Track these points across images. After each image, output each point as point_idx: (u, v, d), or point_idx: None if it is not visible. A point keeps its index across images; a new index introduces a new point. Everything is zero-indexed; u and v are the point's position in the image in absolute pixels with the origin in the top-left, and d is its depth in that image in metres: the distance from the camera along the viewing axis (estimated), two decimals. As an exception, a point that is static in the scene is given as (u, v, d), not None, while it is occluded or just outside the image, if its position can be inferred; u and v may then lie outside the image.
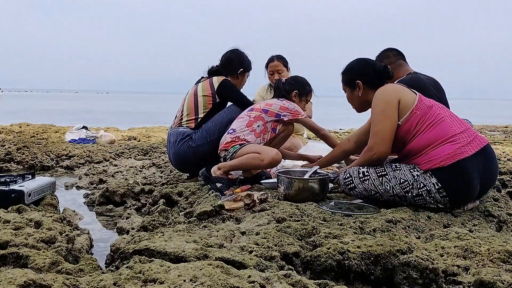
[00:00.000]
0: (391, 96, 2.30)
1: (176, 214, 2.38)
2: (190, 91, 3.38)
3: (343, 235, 1.79)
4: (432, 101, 2.33)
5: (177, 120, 3.33)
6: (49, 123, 8.34)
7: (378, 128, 2.29)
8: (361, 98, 2.54)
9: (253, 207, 2.30)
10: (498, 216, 2.20)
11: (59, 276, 1.33)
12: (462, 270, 1.52)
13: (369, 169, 2.33)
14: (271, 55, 4.23)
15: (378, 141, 2.29)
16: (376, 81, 2.48)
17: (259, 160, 2.77)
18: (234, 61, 3.45)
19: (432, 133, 2.21)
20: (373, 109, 2.35)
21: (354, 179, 2.36)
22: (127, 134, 6.99)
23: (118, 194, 2.93)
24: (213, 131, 3.18)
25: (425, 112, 2.25)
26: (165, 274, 1.33)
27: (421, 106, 2.27)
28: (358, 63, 2.56)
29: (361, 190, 2.34)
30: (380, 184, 2.28)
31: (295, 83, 3.17)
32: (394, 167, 2.29)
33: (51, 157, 4.69)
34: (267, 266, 1.49)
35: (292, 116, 2.98)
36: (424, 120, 2.24)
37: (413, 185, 2.21)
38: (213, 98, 3.27)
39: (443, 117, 2.25)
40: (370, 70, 2.51)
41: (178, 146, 3.20)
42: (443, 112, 2.28)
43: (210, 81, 3.32)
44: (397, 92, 2.31)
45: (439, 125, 2.22)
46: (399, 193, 2.24)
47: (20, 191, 2.37)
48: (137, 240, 1.75)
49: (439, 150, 2.18)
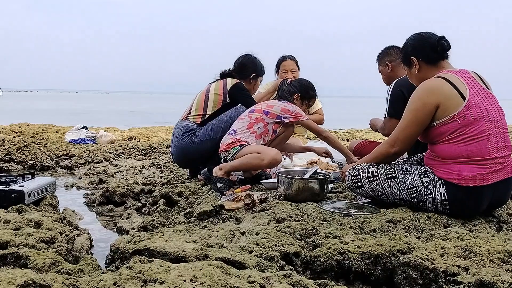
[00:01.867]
0: (429, 98, 2.12)
1: (176, 214, 2.38)
2: (203, 89, 3.43)
3: (343, 235, 1.79)
4: (483, 112, 2.09)
5: (185, 114, 3.39)
6: (49, 123, 8.33)
7: (406, 125, 2.19)
8: (419, 76, 2.33)
9: (253, 207, 2.30)
10: (498, 216, 2.20)
11: (59, 276, 1.33)
12: (462, 270, 1.52)
13: (378, 170, 2.27)
14: (282, 55, 4.24)
15: (401, 138, 2.21)
16: (431, 55, 2.27)
17: (260, 160, 2.76)
18: (247, 66, 3.52)
19: (466, 148, 2.07)
20: (409, 103, 2.22)
21: (363, 178, 2.31)
22: (127, 134, 6.99)
23: (118, 194, 2.93)
24: (218, 129, 3.19)
25: (469, 123, 2.06)
26: (165, 274, 1.33)
27: (466, 115, 2.06)
28: (412, 38, 2.36)
29: (368, 190, 2.30)
30: (388, 186, 2.24)
31: (299, 86, 3.15)
32: (404, 170, 2.23)
33: (51, 157, 4.69)
34: (267, 266, 1.49)
35: (293, 118, 2.97)
36: (463, 131, 2.07)
37: (421, 191, 2.16)
38: (224, 98, 3.31)
39: (487, 136, 2.07)
40: (424, 44, 2.30)
41: (181, 139, 3.21)
42: (491, 129, 2.08)
43: (224, 82, 3.37)
44: (438, 95, 2.11)
45: (477, 143, 2.06)
46: (405, 197, 2.21)
47: (20, 191, 2.37)
48: (137, 240, 1.75)
49: (462, 167, 2.07)
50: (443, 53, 2.28)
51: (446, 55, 2.30)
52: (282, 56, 4.23)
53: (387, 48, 3.34)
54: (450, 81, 2.13)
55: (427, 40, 2.29)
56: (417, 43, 2.33)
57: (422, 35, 2.33)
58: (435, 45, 2.26)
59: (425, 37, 2.31)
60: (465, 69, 2.25)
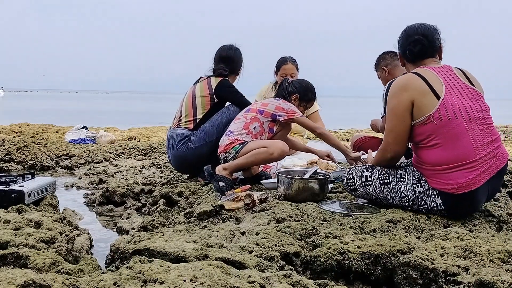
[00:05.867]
0: (402, 95, 2.05)
1: (176, 214, 2.38)
2: (188, 91, 3.37)
3: (343, 235, 1.78)
4: (461, 111, 2.00)
5: (176, 121, 3.33)
6: (49, 123, 8.33)
7: (390, 127, 2.13)
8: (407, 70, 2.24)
9: (253, 207, 2.30)
10: (498, 216, 2.20)
11: (59, 276, 1.33)
12: (462, 270, 1.52)
13: (372, 175, 2.25)
14: (283, 57, 4.09)
15: (390, 140, 2.14)
16: (410, 53, 2.18)
17: (268, 154, 2.75)
18: (236, 60, 3.44)
19: (450, 153, 1.99)
20: (387, 103, 2.16)
21: (357, 182, 2.31)
22: (127, 134, 6.99)
23: (118, 194, 2.93)
24: (212, 132, 3.17)
25: (445, 124, 1.99)
26: (165, 274, 1.33)
27: (442, 114, 1.98)
28: (401, 32, 2.25)
29: (362, 193, 2.32)
30: (381, 191, 2.23)
31: (299, 86, 3.11)
32: (398, 177, 2.18)
33: (51, 157, 4.69)
34: (267, 266, 1.49)
35: (287, 116, 2.93)
36: (442, 132, 1.99)
37: (414, 201, 2.13)
38: (211, 98, 3.25)
39: (469, 136, 1.98)
40: (404, 40, 2.21)
41: (177, 148, 3.19)
42: (471, 128, 1.99)
43: (208, 81, 3.31)
44: (411, 91, 2.04)
45: (460, 143, 1.98)
46: (398, 204, 2.20)
47: (20, 191, 2.37)
48: (137, 240, 1.75)
49: (453, 175, 1.99)
50: (418, 55, 2.17)
51: (430, 54, 2.17)
52: (283, 58, 4.09)
53: (382, 54, 3.44)
54: (423, 77, 2.06)
55: (410, 36, 2.18)
56: (400, 38, 2.25)
57: (407, 31, 2.22)
58: (411, 44, 2.17)
59: (408, 34, 2.20)
60: (448, 65, 2.17)
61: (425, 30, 2.17)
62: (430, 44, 2.16)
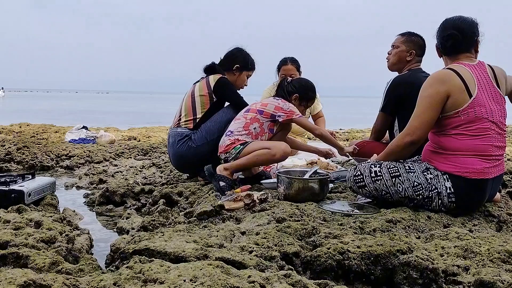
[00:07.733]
0: (441, 87, 2.11)
1: (176, 214, 2.38)
2: (188, 91, 3.37)
3: (343, 235, 1.78)
4: (488, 113, 2.12)
5: (176, 120, 3.33)
6: (49, 123, 8.33)
7: (420, 113, 2.17)
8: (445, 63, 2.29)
9: (253, 207, 2.30)
10: (498, 216, 2.20)
11: (59, 276, 1.33)
12: (462, 270, 1.52)
13: (382, 169, 2.25)
14: (284, 57, 4.14)
15: (417, 124, 2.17)
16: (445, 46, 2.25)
17: (270, 155, 2.75)
18: (232, 57, 3.43)
19: (473, 143, 2.11)
20: (422, 91, 2.20)
21: (366, 178, 2.28)
22: (127, 134, 6.99)
23: (118, 194, 2.93)
24: (213, 131, 3.17)
25: (472, 121, 2.10)
26: (165, 274, 1.33)
27: (470, 112, 2.10)
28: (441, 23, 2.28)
29: (371, 189, 2.28)
30: (392, 184, 2.22)
31: (299, 86, 3.08)
32: (407, 169, 2.23)
33: (51, 157, 4.69)
34: (267, 266, 1.49)
35: (286, 116, 2.91)
36: (469, 127, 2.11)
37: (426, 187, 2.17)
38: (211, 97, 3.25)
39: (490, 134, 2.12)
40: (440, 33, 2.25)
41: (177, 147, 3.19)
42: (493, 129, 2.13)
43: (206, 80, 3.30)
44: (449, 85, 2.11)
45: (482, 139, 2.11)
46: (410, 195, 2.20)
47: (20, 191, 2.37)
48: (137, 240, 1.75)
49: (469, 160, 2.11)
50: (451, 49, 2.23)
51: (465, 49, 2.22)
52: (284, 59, 4.14)
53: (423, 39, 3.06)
54: (460, 74, 2.13)
55: (444, 30, 2.23)
56: (438, 30, 2.30)
57: (444, 23, 2.26)
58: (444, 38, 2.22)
59: (444, 27, 2.25)
60: (483, 63, 2.23)
61: (461, 23, 2.22)
62: (464, 39, 2.20)
